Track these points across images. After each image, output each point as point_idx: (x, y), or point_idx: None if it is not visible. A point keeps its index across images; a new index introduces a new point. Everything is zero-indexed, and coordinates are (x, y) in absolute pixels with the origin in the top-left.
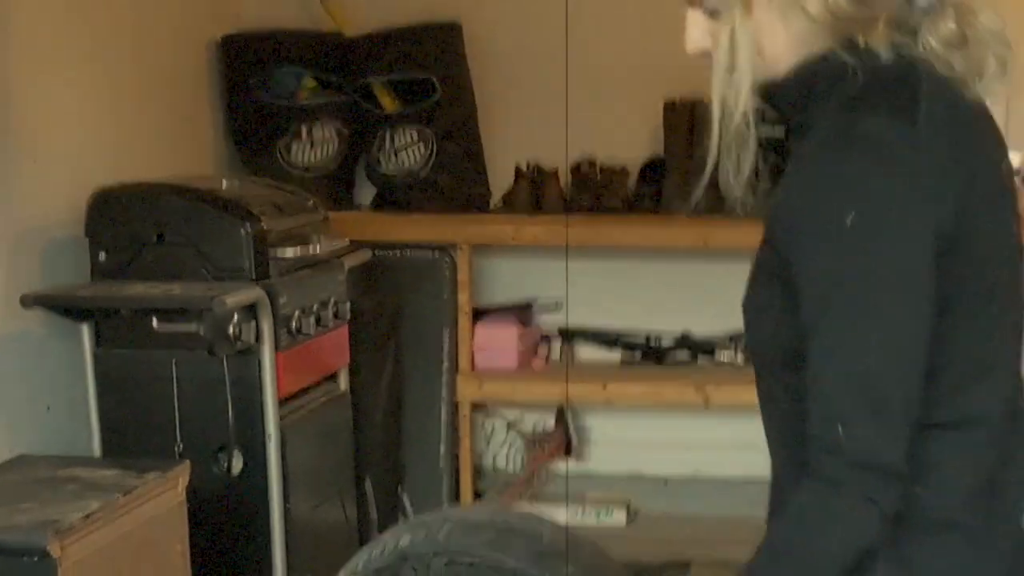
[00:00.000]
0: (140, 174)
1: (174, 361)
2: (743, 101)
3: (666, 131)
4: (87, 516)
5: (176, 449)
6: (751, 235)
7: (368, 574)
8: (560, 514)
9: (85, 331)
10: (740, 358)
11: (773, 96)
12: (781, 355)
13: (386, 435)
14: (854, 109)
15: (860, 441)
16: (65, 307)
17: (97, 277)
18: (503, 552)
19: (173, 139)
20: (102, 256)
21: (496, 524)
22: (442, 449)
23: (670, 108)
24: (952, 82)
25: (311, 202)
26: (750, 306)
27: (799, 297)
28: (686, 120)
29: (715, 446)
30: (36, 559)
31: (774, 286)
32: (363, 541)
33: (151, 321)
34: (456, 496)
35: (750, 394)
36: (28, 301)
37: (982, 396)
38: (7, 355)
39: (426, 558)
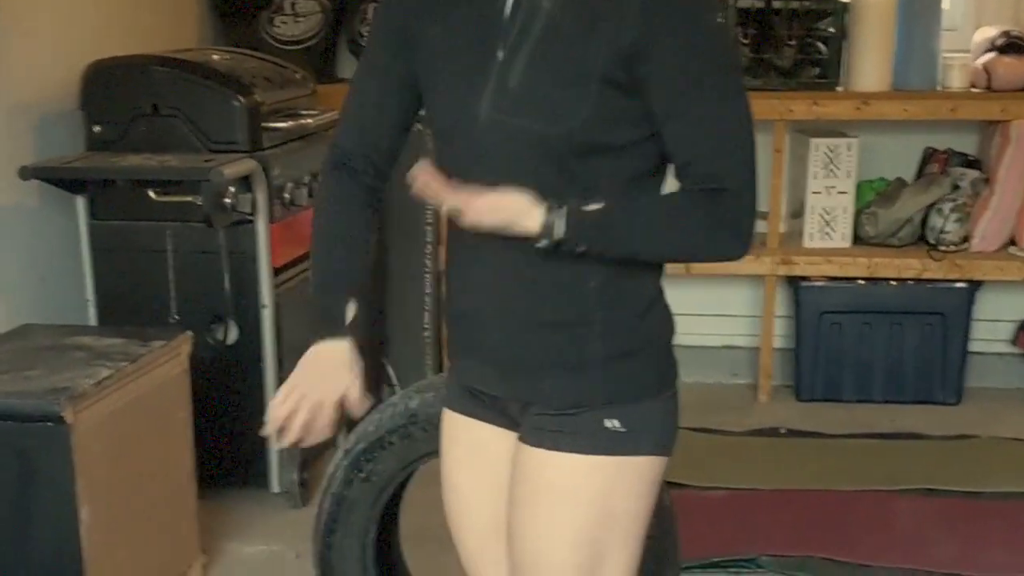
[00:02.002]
0: (129, 48)
1: (169, 233)
2: None
3: None
4: (98, 383)
5: (171, 320)
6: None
7: (380, 435)
8: None
9: (80, 203)
10: None
11: None
12: (579, 147)
13: (370, 306)
14: None
15: (753, 186)
16: (62, 179)
17: (92, 150)
18: None
19: (160, 13)
20: (96, 129)
21: None
22: (425, 319)
23: None
24: None
25: (299, 75)
26: (542, 104)
27: (659, 85)
28: None
29: (695, 313)
30: (50, 425)
31: (587, 85)
32: None
33: (147, 193)
34: (440, 365)
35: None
36: (27, 173)
37: None
38: (2, 228)
39: (436, 418)
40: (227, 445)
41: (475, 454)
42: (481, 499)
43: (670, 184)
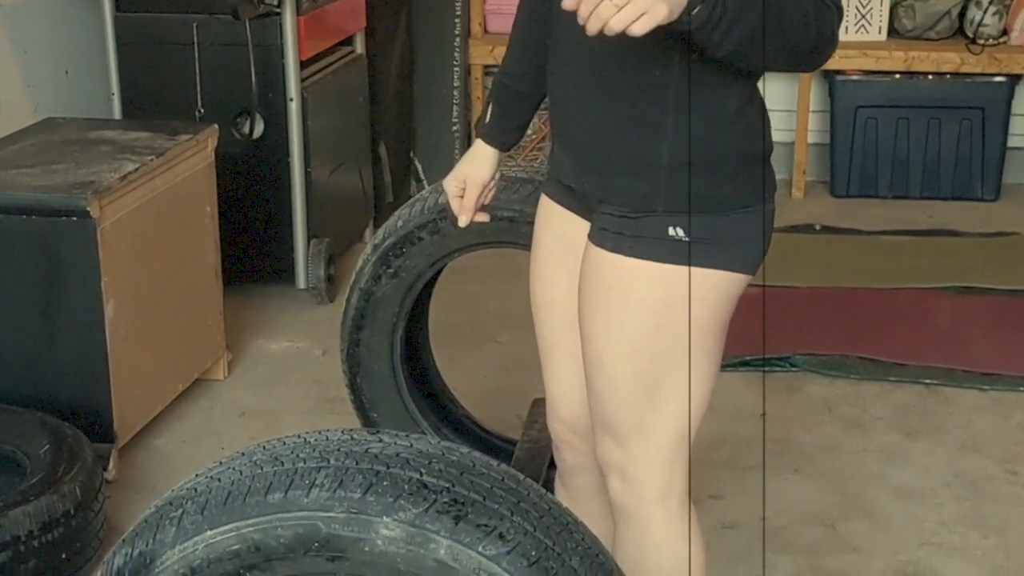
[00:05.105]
0: None
1: (195, 25)
2: None
3: None
4: (123, 177)
5: (197, 114)
6: None
7: (408, 231)
8: None
9: None
10: None
11: None
12: None
13: (399, 100)
14: None
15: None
16: None
17: None
18: None
19: None
20: None
21: (534, 179)
22: (454, 113)
23: None
24: None
25: None
26: None
27: None
28: None
29: None
30: (76, 219)
31: None
32: (378, 205)
33: None
34: None
35: None
36: None
37: None
38: (26, 20)
39: None
40: (253, 240)
41: (564, 245)
42: (564, 291)
43: None
